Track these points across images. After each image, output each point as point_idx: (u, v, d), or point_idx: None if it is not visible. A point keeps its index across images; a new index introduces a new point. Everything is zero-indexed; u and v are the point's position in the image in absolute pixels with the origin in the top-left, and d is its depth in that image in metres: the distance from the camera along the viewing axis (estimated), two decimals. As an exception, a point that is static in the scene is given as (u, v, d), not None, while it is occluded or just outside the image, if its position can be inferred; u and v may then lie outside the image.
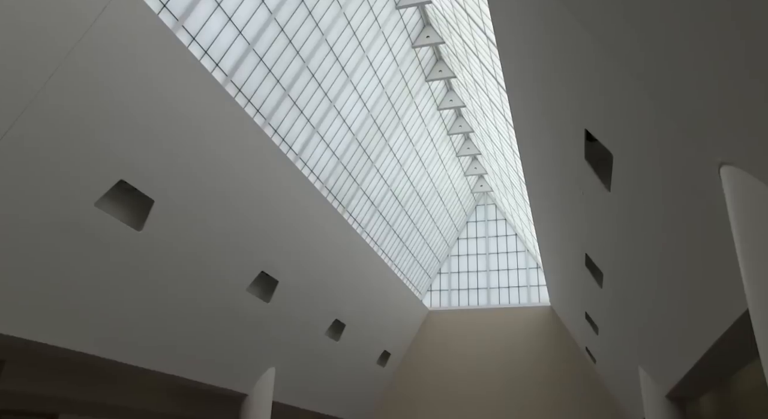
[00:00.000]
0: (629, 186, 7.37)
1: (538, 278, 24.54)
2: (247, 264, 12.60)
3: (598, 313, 14.51)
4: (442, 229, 24.54)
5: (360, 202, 17.60)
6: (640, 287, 9.55)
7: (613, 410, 20.35)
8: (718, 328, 6.91)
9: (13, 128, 7.26)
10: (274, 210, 12.68)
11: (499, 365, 22.37)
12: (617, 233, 9.05)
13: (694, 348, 8.36)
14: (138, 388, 13.83)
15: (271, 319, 14.09)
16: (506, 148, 17.64)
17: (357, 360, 19.76)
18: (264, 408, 14.80)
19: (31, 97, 7.29)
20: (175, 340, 11.69)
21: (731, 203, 4.28)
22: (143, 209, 9.69)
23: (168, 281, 10.79)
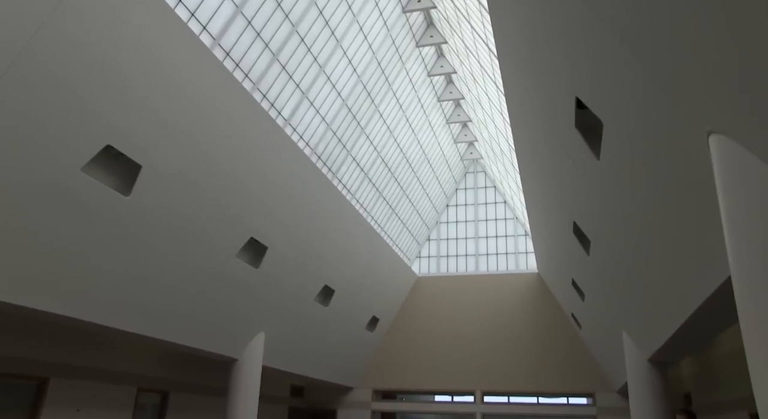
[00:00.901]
0: (618, 154, 7.39)
1: (526, 246, 24.78)
2: (236, 230, 12.61)
3: (584, 280, 14.72)
4: (432, 196, 24.60)
5: (349, 168, 17.56)
6: (626, 254, 9.67)
7: (597, 374, 20.84)
8: (700, 295, 7.04)
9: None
10: (263, 176, 12.63)
11: (487, 330, 22.73)
12: (605, 201, 9.11)
13: (676, 313, 8.53)
14: (129, 353, 13.96)
15: (261, 285, 14.17)
16: (496, 115, 17.58)
17: (346, 325, 20.01)
18: (254, 373, 15.01)
19: (13, 58, 7.13)
20: (165, 306, 11.75)
21: (718, 171, 4.31)
22: (131, 174, 9.62)
23: (157, 247, 10.79)
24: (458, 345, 22.75)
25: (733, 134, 4.11)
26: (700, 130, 4.54)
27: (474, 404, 22.43)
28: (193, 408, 16.11)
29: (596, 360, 20.82)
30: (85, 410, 12.63)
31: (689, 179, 5.63)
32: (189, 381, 16.14)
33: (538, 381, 21.57)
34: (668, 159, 5.98)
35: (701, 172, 4.88)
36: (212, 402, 16.35)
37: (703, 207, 5.46)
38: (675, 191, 6.33)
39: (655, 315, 10.01)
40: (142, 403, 14.65)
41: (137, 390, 14.30)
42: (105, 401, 13.22)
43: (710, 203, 4.67)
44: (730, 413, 11.60)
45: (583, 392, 21.35)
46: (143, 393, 14.61)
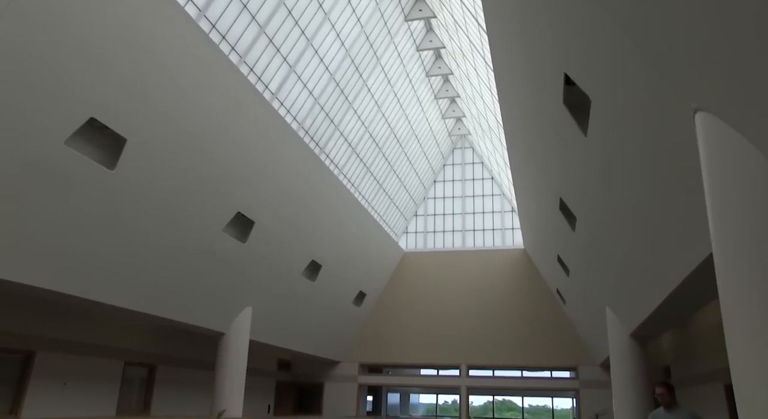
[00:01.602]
0: (605, 131, 7.43)
1: (512, 222, 24.94)
2: (222, 205, 12.56)
3: (569, 256, 14.88)
4: (419, 171, 24.59)
5: (337, 143, 17.48)
6: (611, 231, 9.78)
7: (579, 348, 21.21)
8: (683, 271, 7.15)
9: (-24, 61, 6.98)
10: (249, 151, 12.54)
11: (473, 306, 22.98)
12: (592, 178, 9.17)
13: (659, 289, 8.67)
14: (116, 327, 13.97)
15: (248, 260, 14.18)
16: (485, 91, 17.52)
17: (333, 300, 20.12)
18: (241, 347, 15.11)
19: (-6, 29, 6.98)
20: (152, 280, 11.74)
21: (703, 148, 4.35)
22: (116, 148, 9.51)
23: (143, 221, 10.73)
24: (444, 320, 23.00)
25: (719, 111, 4.14)
26: (687, 107, 4.57)
27: (459, 377, 22.79)
28: (180, 382, 16.21)
29: (579, 334, 21.17)
30: (72, 383, 12.67)
31: (675, 156, 5.68)
32: (176, 355, 16.21)
33: (522, 355, 21.91)
34: (654, 136, 6.02)
35: (687, 149, 4.92)
36: (200, 375, 16.45)
37: (688, 185, 5.53)
38: (660, 168, 6.38)
39: (638, 290, 10.17)
40: (129, 377, 14.72)
41: (124, 363, 14.35)
42: (92, 374, 13.26)
43: (694, 181, 4.72)
44: (707, 385, 11.89)
45: (566, 366, 21.75)
46: (130, 367, 14.67)
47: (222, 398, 14.38)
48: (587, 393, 20.86)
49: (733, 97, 3.95)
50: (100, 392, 13.55)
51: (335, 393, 23.41)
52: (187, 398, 16.24)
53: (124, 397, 14.35)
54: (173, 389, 15.94)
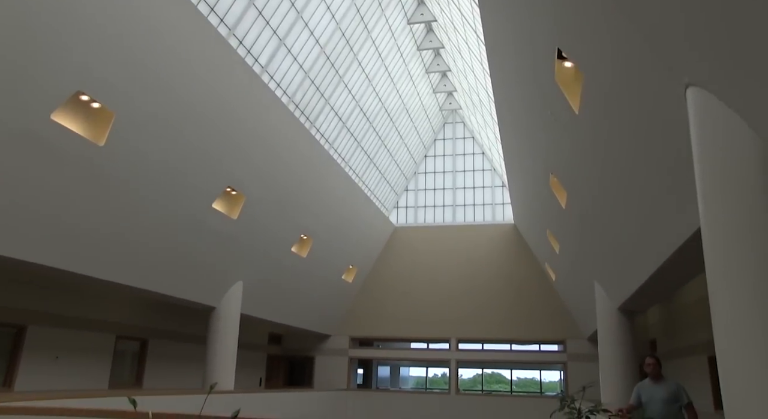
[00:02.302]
0: (597, 107, 7.42)
1: (503, 197, 25.00)
2: (212, 179, 12.50)
3: (559, 231, 14.98)
4: (410, 146, 24.52)
5: (327, 117, 17.35)
6: (601, 206, 9.84)
7: (568, 322, 21.48)
8: (671, 246, 7.23)
9: (-41, 32, 6.84)
10: (239, 125, 12.44)
11: (463, 280, 23.14)
12: (583, 153, 9.19)
13: (647, 264, 8.77)
14: (108, 301, 13.98)
15: (239, 234, 14.17)
16: (476, 65, 17.40)
17: (323, 275, 20.21)
18: (232, 321, 15.19)
19: (-24, -1, 6.82)
20: (142, 255, 11.72)
21: (694, 124, 4.36)
22: (104, 122, 9.40)
23: (132, 196, 10.67)
24: (434, 294, 23.18)
25: (710, 86, 4.15)
26: (679, 82, 4.57)
27: (449, 351, 23.07)
28: (172, 356, 16.31)
29: (568, 308, 21.43)
30: (65, 357, 12.71)
31: (665, 132, 5.69)
32: (168, 329, 16.28)
33: (511, 329, 22.17)
34: (646, 112, 6.03)
35: (677, 125, 4.94)
36: (192, 349, 16.55)
37: (678, 160, 5.55)
38: (651, 144, 6.40)
39: (627, 265, 10.28)
40: (121, 350, 14.79)
41: (116, 337, 14.40)
42: (84, 348, 13.31)
43: (684, 156, 4.74)
44: (691, 357, 12.12)
45: (554, 339, 22.06)
46: (122, 341, 14.73)
47: (213, 371, 14.51)
48: (575, 366, 21.20)
49: (725, 72, 3.95)
50: (92, 365, 13.62)
51: (326, 367, 23.66)
52: (179, 371, 16.36)
53: (116, 370, 14.44)
54: (165, 362, 16.04)
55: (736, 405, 3.72)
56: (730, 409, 3.77)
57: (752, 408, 3.60)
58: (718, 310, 3.93)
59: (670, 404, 6.29)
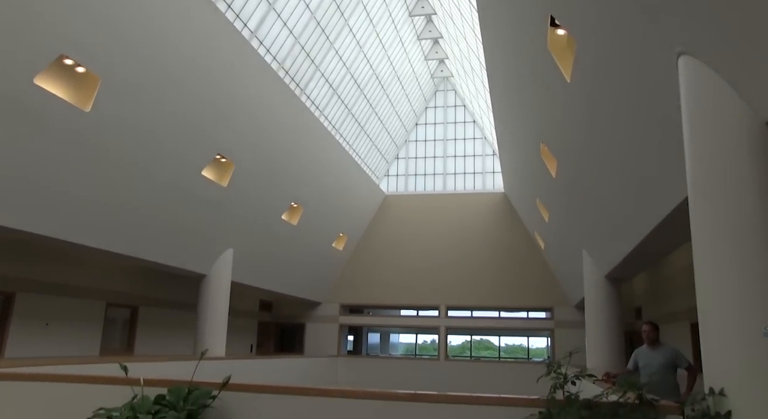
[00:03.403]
0: (589, 76, 7.38)
1: (493, 165, 25.01)
2: (202, 147, 12.39)
3: (549, 200, 15.05)
4: (401, 114, 24.36)
5: (318, 84, 17.16)
6: (590, 175, 9.87)
7: (555, 290, 21.77)
8: (658, 214, 7.29)
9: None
10: (228, 91, 12.28)
11: (453, 248, 23.30)
12: (574, 122, 9.18)
13: (634, 233, 8.85)
14: (97, 269, 13.96)
15: (229, 201, 14.13)
16: (468, 32, 17.19)
17: (314, 242, 20.26)
18: (223, 288, 15.26)
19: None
20: (131, 222, 11.67)
21: (685, 93, 4.35)
22: (89, 87, 9.24)
23: (121, 163, 10.57)
24: (424, 262, 23.34)
25: (702, 55, 4.12)
26: (671, 51, 4.54)
27: (438, 318, 23.35)
28: (163, 323, 16.39)
29: (556, 276, 21.69)
30: (55, 324, 12.75)
31: (657, 101, 5.68)
32: (159, 296, 16.33)
33: (499, 297, 22.44)
34: (637, 81, 6.00)
35: (668, 94, 4.92)
36: (182, 316, 16.64)
37: (668, 130, 5.56)
38: (642, 113, 6.40)
39: (615, 234, 10.37)
40: (111, 317, 14.84)
41: (106, 304, 14.43)
42: (74, 315, 13.34)
43: (674, 126, 4.75)
44: (675, 323, 12.36)
45: (542, 306, 22.36)
46: (113, 308, 14.78)
47: (204, 338, 14.62)
48: (561, 333, 21.56)
49: (718, 41, 3.92)
50: (82, 332, 13.67)
51: (316, 334, 23.91)
52: (170, 338, 16.47)
53: (107, 338, 14.51)
54: (156, 329, 16.14)
55: (715, 368, 3.82)
56: (709, 371, 3.87)
57: (731, 371, 3.70)
58: (702, 278, 3.99)
59: (666, 369, 6.43)
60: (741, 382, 3.63)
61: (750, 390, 3.58)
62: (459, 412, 4.47)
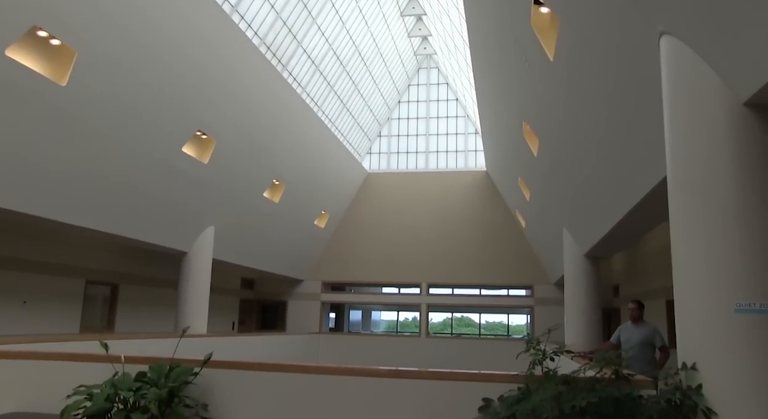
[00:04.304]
0: (572, 54, 7.38)
1: (476, 144, 25.04)
2: (182, 122, 12.22)
3: (530, 179, 15.14)
4: (384, 91, 24.21)
5: (300, 60, 16.96)
6: (572, 154, 9.93)
7: (536, 268, 22.03)
8: (637, 194, 7.37)
9: None
10: (209, 67, 12.09)
11: (434, 226, 23.41)
12: (556, 101, 9.20)
13: (614, 212, 8.96)
14: (76, 246, 13.80)
15: (210, 178, 14.00)
16: (452, 9, 17.06)
17: (296, 220, 20.21)
18: (204, 266, 15.19)
19: None
20: (110, 199, 11.53)
21: (666, 73, 4.37)
22: (65, 60, 9.03)
23: (99, 138, 10.39)
24: (406, 240, 23.44)
25: (684, 36, 4.14)
26: (653, 31, 4.55)
27: (420, 295, 23.54)
28: (144, 300, 16.32)
29: (536, 255, 21.92)
30: (33, 302, 12.62)
31: (638, 81, 5.70)
32: (139, 274, 16.22)
33: (480, 275, 22.66)
34: (620, 60, 6.02)
35: (650, 74, 4.95)
36: (164, 294, 16.58)
37: (649, 110, 5.60)
38: (623, 92, 6.43)
39: (595, 213, 10.48)
40: (91, 295, 14.73)
41: (86, 282, 14.31)
42: (53, 293, 13.21)
43: (655, 106, 4.78)
44: (651, 301, 12.58)
45: (522, 284, 22.64)
46: (92, 286, 14.66)
47: (186, 315, 14.59)
48: (541, 310, 21.88)
49: (700, 22, 3.94)
50: (62, 310, 13.56)
51: (298, 311, 23.99)
52: (151, 316, 16.42)
53: (86, 315, 14.42)
54: (137, 307, 16.06)
55: (688, 344, 3.91)
56: (683, 347, 3.96)
57: (703, 346, 3.80)
58: (678, 257, 4.06)
59: (644, 345, 6.74)
60: (712, 357, 3.72)
61: (720, 364, 3.68)
62: (440, 388, 4.53)
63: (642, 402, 3.80)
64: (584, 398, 3.70)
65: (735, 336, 3.64)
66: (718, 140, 3.90)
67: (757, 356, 3.58)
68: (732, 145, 3.85)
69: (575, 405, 3.68)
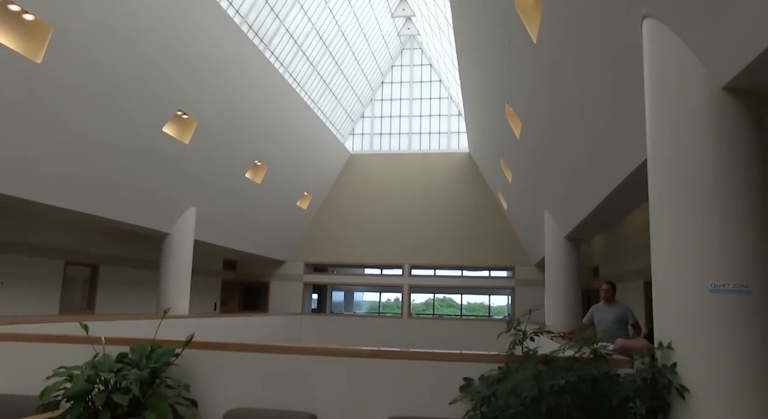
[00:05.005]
0: (555, 36, 7.37)
1: (458, 126, 25.03)
2: (162, 102, 12.04)
3: (512, 161, 15.20)
4: (367, 72, 24.04)
5: (282, 40, 16.75)
6: (554, 137, 9.98)
7: (517, 249, 22.23)
8: (617, 177, 7.44)
9: None
10: (190, 45, 11.88)
11: (417, 207, 23.46)
12: (539, 83, 9.21)
13: (595, 194, 9.04)
14: (55, 227, 13.64)
15: (191, 159, 13.86)
16: (436, -12, 16.91)
17: (278, 201, 20.13)
18: (185, 247, 15.10)
19: None
20: (90, 179, 11.37)
21: (648, 56, 4.39)
22: (40, 36, 8.82)
23: (77, 118, 10.21)
24: (389, 221, 23.48)
25: (667, 19, 4.15)
26: (636, 13, 4.55)
27: (402, 276, 23.65)
28: (125, 281, 16.20)
29: (517, 236, 22.10)
30: (10, 283, 12.47)
31: (621, 64, 5.72)
32: (120, 255, 16.08)
33: (462, 256, 22.81)
34: (603, 43, 6.03)
35: (633, 57, 4.96)
36: (145, 275, 16.47)
37: (631, 92, 5.62)
38: (606, 75, 6.45)
39: (576, 195, 10.57)
40: (71, 276, 14.59)
41: (65, 263, 14.16)
42: (31, 274, 13.06)
43: (637, 89, 4.80)
44: (629, 281, 12.79)
45: (504, 265, 22.84)
46: (72, 267, 14.51)
47: (167, 297, 14.52)
48: (522, 291, 22.12)
49: (683, 6, 3.95)
50: (40, 292, 13.43)
51: (281, 292, 24.00)
52: (133, 298, 16.32)
53: (66, 297, 14.29)
54: (118, 288, 15.95)
55: (665, 323, 3.99)
56: (659, 327, 4.04)
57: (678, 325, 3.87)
58: (657, 238, 4.11)
59: (618, 324, 7.02)
60: (687, 336, 3.80)
61: (694, 343, 3.76)
62: (421, 368, 4.58)
63: (619, 380, 3.88)
64: (563, 377, 3.77)
65: (709, 316, 3.72)
66: (697, 123, 3.94)
67: (729, 335, 3.66)
68: (710, 129, 3.89)
69: (554, 383, 3.74)
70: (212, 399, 4.72)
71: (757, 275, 3.71)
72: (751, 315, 3.65)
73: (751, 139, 3.87)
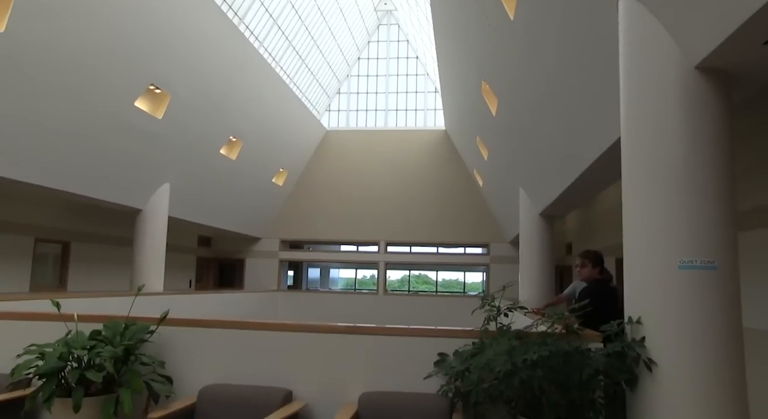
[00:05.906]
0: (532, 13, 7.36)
1: (435, 103, 24.98)
2: (134, 76, 11.77)
3: (488, 138, 15.25)
4: (343, 48, 23.77)
5: (257, 14, 16.44)
6: (529, 114, 10.02)
7: (492, 226, 22.44)
8: (592, 154, 7.52)
9: None
10: (163, 17, 11.60)
11: (393, 185, 23.48)
12: (515, 61, 9.21)
13: (569, 171, 9.13)
14: (24, 203, 13.36)
15: (164, 134, 13.63)
16: (414, -37, 16.71)
17: (253, 178, 19.96)
18: (159, 223, 14.93)
19: None
20: (59, 154, 11.12)
21: (623, 35, 4.41)
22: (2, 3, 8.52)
23: (45, 91, 9.93)
24: (364, 198, 23.48)
25: (642, -3, 4.16)
26: (612, -9, 4.56)
27: (378, 253, 23.75)
28: (97, 258, 16.00)
29: (493, 213, 22.30)
30: (-20, 259, 12.25)
31: (597, 42, 5.74)
32: (92, 232, 15.84)
33: (438, 233, 22.96)
34: (579, 21, 6.04)
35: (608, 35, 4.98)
36: (118, 252, 16.27)
37: (606, 71, 5.66)
38: (581, 53, 6.47)
39: (551, 172, 10.67)
40: (42, 253, 14.35)
41: (35, 240, 13.91)
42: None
43: (612, 67, 4.83)
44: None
45: (479, 242, 23.06)
46: (42, 244, 14.27)
47: (141, 274, 14.38)
48: (496, 268, 22.39)
49: (657, -18, 3.96)
50: (9, 269, 13.19)
51: (256, 269, 23.94)
52: (106, 275, 16.13)
53: (37, 274, 14.07)
54: (90, 266, 15.75)
55: (635, 299, 4.08)
56: (630, 302, 4.13)
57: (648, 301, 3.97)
58: (628, 215, 4.19)
59: None
60: (655, 311, 3.90)
61: (662, 317, 3.86)
62: (396, 343, 4.63)
63: (590, 354, 3.97)
64: (536, 352, 3.84)
65: (677, 291, 3.81)
66: (669, 102, 3.98)
67: (695, 309, 3.76)
68: (683, 107, 3.94)
69: (527, 358, 3.81)
70: (187, 376, 4.72)
71: (722, 251, 3.81)
72: (715, 290, 3.76)
73: (722, 117, 3.94)
